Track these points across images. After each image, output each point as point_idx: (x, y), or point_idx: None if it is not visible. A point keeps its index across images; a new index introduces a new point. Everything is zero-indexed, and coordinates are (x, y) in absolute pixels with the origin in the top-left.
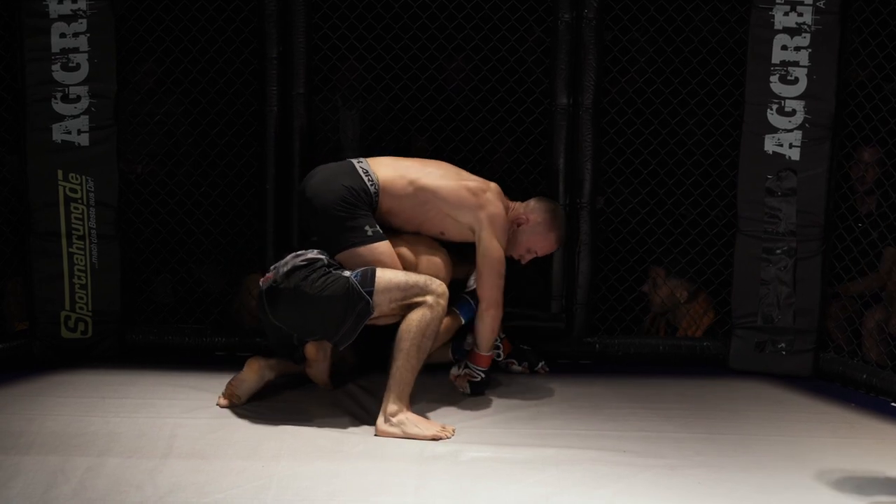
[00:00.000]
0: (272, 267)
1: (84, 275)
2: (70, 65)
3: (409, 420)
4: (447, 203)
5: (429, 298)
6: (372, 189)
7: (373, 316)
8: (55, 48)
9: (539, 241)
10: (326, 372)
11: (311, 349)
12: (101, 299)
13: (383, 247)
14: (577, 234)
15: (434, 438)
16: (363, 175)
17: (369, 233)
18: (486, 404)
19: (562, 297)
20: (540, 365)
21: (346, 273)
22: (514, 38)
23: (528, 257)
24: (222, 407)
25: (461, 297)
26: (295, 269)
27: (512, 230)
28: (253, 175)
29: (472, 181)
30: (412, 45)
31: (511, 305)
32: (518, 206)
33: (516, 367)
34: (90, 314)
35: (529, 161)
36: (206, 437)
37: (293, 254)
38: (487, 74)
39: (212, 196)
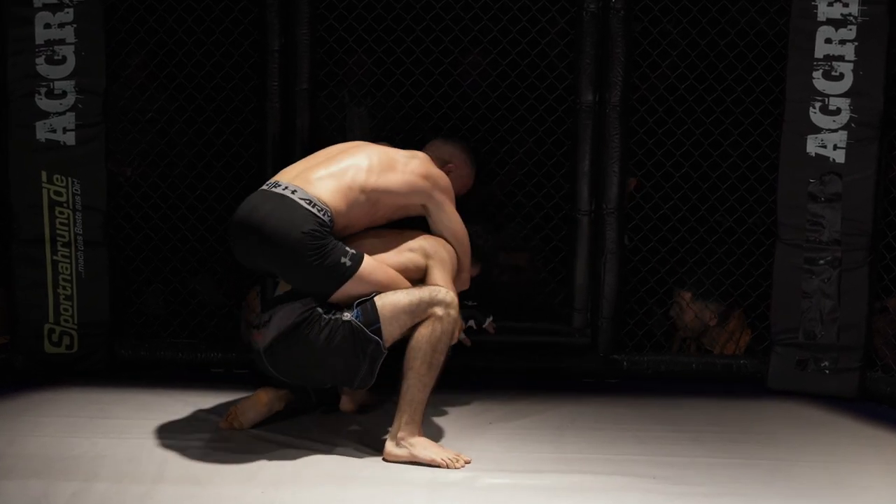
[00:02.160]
0: (256, 322)
1: (69, 284)
2: (55, 58)
3: (420, 444)
4: (399, 194)
5: (437, 310)
6: (327, 219)
7: (386, 353)
8: (39, 39)
9: (466, 182)
10: (353, 405)
11: (345, 402)
12: (88, 311)
13: (367, 267)
14: (603, 243)
15: (446, 465)
16: (311, 209)
17: (348, 264)
18: (504, 425)
19: (586, 311)
20: (487, 321)
21: (346, 316)
22: (536, 30)
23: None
24: (222, 429)
25: None
26: (289, 328)
27: None
28: (252, 177)
29: (412, 163)
30: (425, 38)
31: (531, 319)
32: (438, 158)
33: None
34: (76, 327)
35: (552, 163)
36: (201, 460)
37: (278, 308)
38: (506, 69)
39: (208, 200)
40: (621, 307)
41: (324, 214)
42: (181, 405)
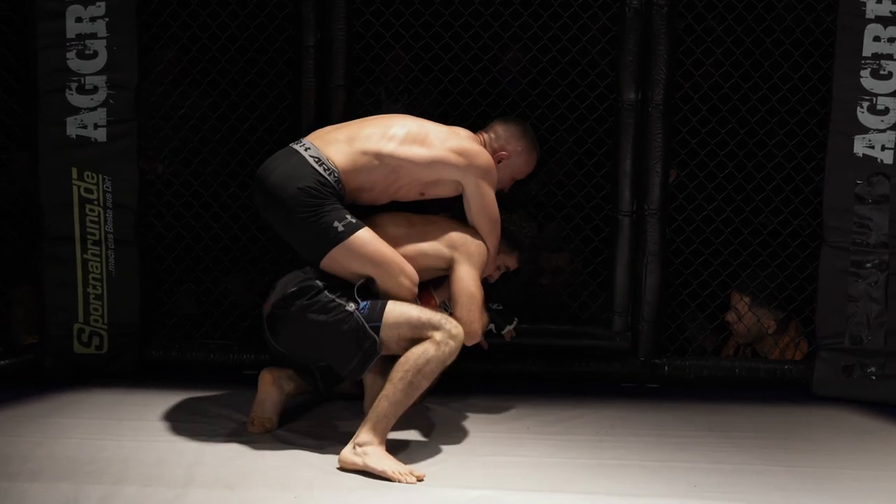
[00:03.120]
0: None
1: (99, 284)
2: (86, 52)
3: (376, 454)
4: (427, 168)
5: (437, 335)
6: (331, 178)
7: (381, 354)
8: (70, 34)
9: (523, 167)
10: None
11: (345, 384)
12: (118, 311)
13: (360, 238)
14: (645, 244)
15: (397, 479)
16: (316, 166)
17: (340, 229)
18: (542, 430)
19: (626, 314)
20: (507, 328)
21: (351, 307)
22: (577, 27)
23: (510, 185)
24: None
25: None
26: (289, 296)
27: None
28: None
29: (448, 139)
30: (464, 34)
31: (570, 322)
32: (491, 142)
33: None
34: (106, 327)
35: (592, 163)
36: (232, 463)
37: (289, 276)
38: (547, 66)
39: (241, 198)
40: (663, 310)
41: (329, 174)
42: (213, 407)
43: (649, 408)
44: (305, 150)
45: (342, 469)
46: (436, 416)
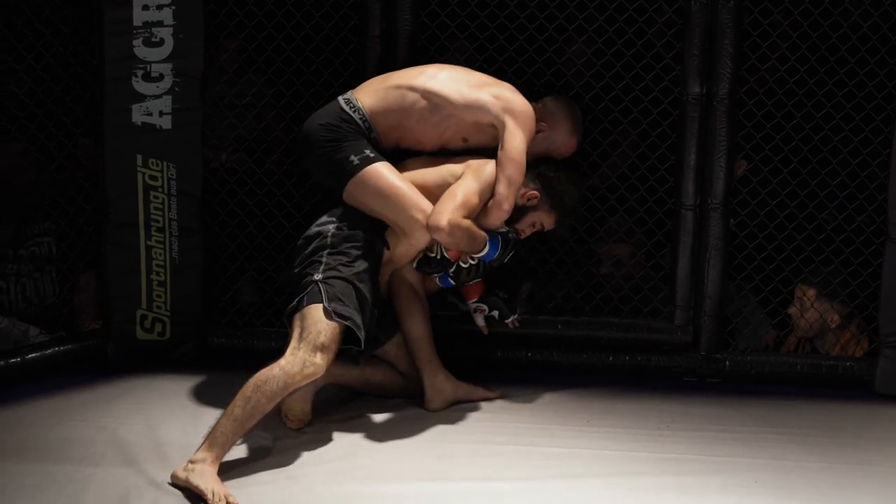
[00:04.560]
0: None
1: (163, 270)
2: (153, 40)
3: (204, 472)
4: (467, 108)
5: (288, 356)
6: (356, 115)
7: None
8: (137, 21)
9: (561, 147)
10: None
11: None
12: (181, 298)
13: (373, 171)
14: (707, 239)
15: (208, 499)
16: (343, 105)
17: (355, 161)
18: (601, 423)
19: (688, 308)
20: (511, 318)
21: (318, 276)
22: (643, 20)
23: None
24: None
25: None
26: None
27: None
28: None
29: (489, 85)
30: (529, 25)
31: (632, 315)
32: (537, 111)
33: (480, 318)
34: (168, 314)
35: (656, 156)
36: (293, 453)
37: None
38: (611, 59)
39: (304, 187)
40: (725, 305)
41: (354, 112)
42: None
43: (710, 403)
44: (342, 96)
45: (172, 484)
46: (494, 406)
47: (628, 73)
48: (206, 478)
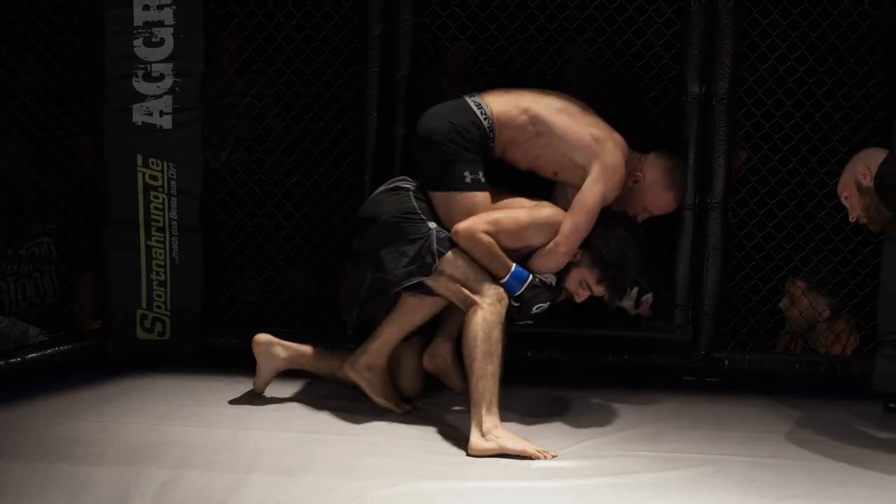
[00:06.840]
0: None
1: (163, 270)
2: (153, 40)
3: (507, 436)
4: (564, 141)
5: (484, 300)
6: (486, 123)
7: (429, 280)
8: (137, 21)
9: (656, 200)
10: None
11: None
12: (181, 297)
13: (479, 197)
14: (706, 238)
15: (534, 457)
16: (475, 108)
17: (468, 179)
18: (600, 423)
19: (687, 307)
20: (645, 297)
21: (432, 224)
22: (642, 19)
23: (644, 216)
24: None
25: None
26: (382, 192)
27: (627, 187)
28: (350, 165)
29: (596, 127)
30: (529, 25)
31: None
32: (636, 160)
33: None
34: (168, 313)
35: None
36: (294, 451)
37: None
38: (612, 59)
39: (304, 187)
40: (724, 304)
41: (485, 119)
42: (274, 394)
43: (709, 401)
44: (471, 97)
45: (476, 456)
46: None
47: (628, 73)
48: (517, 440)
